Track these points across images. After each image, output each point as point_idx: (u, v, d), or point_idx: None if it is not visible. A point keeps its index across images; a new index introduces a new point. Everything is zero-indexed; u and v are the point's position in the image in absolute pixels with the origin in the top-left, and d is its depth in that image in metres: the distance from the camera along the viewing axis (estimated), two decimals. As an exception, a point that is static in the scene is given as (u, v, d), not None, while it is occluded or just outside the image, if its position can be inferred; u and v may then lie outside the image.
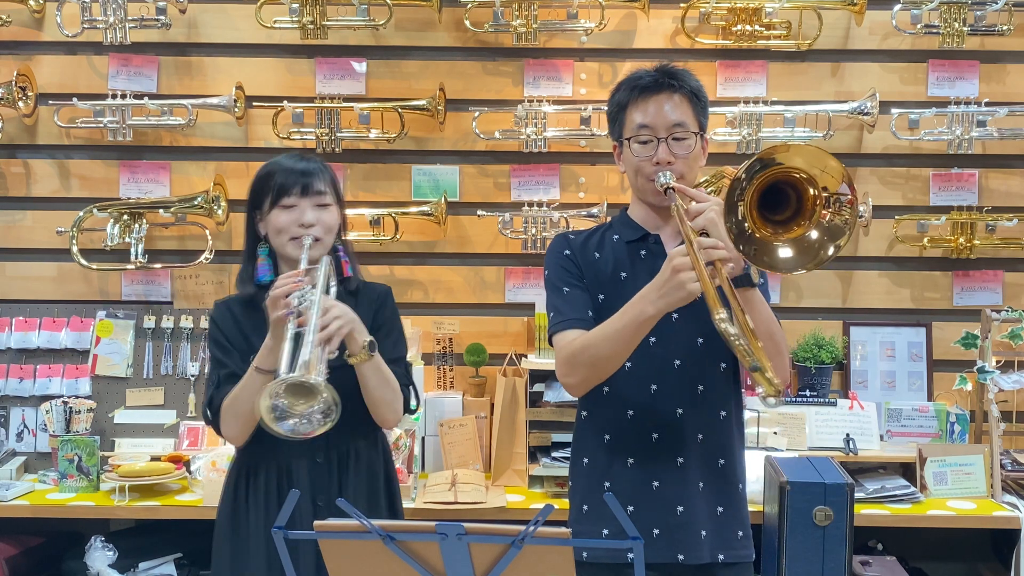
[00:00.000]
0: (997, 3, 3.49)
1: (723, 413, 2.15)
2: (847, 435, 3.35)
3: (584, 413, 2.22)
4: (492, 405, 3.43)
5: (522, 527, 1.47)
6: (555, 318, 2.15)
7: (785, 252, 1.87)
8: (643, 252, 2.15)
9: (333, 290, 2.21)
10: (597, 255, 2.18)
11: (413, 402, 2.36)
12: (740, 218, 1.84)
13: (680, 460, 2.10)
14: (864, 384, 3.60)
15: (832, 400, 3.43)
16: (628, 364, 2.06)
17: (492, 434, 3.38)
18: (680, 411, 2.11)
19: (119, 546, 3.12)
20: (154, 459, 3.27)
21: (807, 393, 3.44)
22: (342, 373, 2.21)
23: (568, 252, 2.19)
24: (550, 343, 2.17)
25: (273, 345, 2.14)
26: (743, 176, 1.83)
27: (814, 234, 1.86)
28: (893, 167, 3.66)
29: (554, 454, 3.24)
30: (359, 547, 1.54)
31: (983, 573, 3.53)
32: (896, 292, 3.67)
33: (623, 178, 3.65)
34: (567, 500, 3.12)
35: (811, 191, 1.86)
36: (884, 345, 3.62)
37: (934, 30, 3.52)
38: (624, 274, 2.14)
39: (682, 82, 2.11)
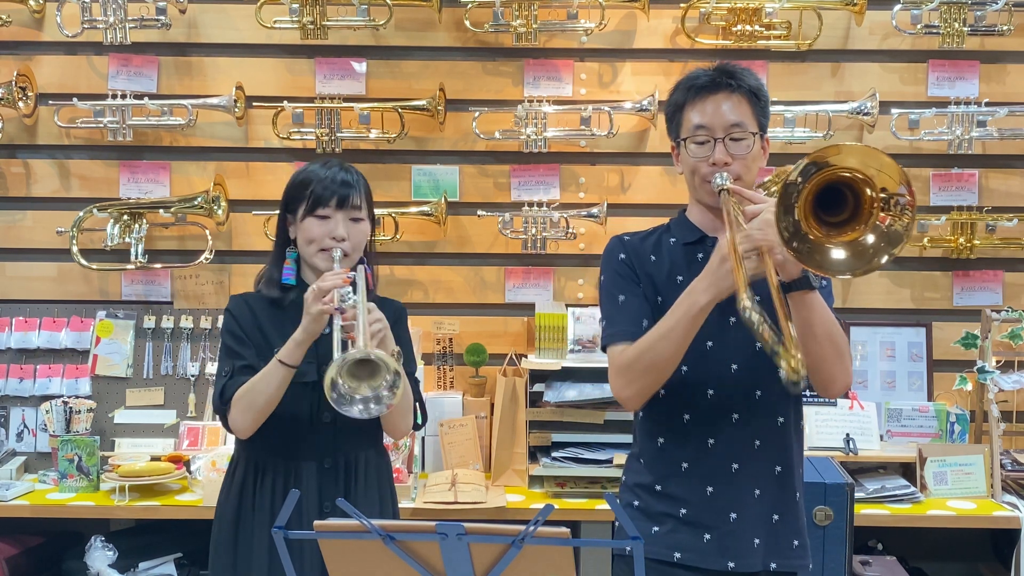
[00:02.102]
0: (997, 3, 3.49)
1: (781, 419, 2.09)
2: (847, 435, 3.35)
3: (640, 413, 2.17)
4: (492, 405, 3.43)
5: (522, 527, 1.47)
6: (608, 328, 2.11)
7: (839, 254, 1.82)
8: (700, 255, 2.09)
9: (371, 303, 2.21)
10: (653, 258, 2.13)
11: (420, 418, 2.38)
12: (795, 219, 1.79)
13: (735, 467, 2.05)
14: (864, 384, 3.60)
15: (832, 400, 3.43)
16: (684, 368, 2.03)
17: (492, 434, 3.38)
18: (736, 416, 2.05)
19: (119, 546, 3.12)
20: (154, 459, 3.27)
21: (807, 393, 3.41)
22: None
23: (623, 256, 2.14)
24: (603, 350, 2.14)
25: (303, 338, 2.14)
26: (798, 179, 1.77)
27: (870, 238, 1.81)
28: (893, 167, 3.65)
29: (554, 454, 3.24)
30: (359, 547, 1.54)
31: (983, 573, 3.53)
32: (896, 292, 3.67)
33: (623, 178, 3.66)
34: (567, 500, 3.15)
35: (868, 192, 1.80)
36: (884, 345, 3.62)
37: (934, 30, 3.52)
38: (681, 277, 2.08)
39: (740, 81, 2.06)
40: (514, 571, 1.51)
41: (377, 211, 3.47)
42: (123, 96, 3.53)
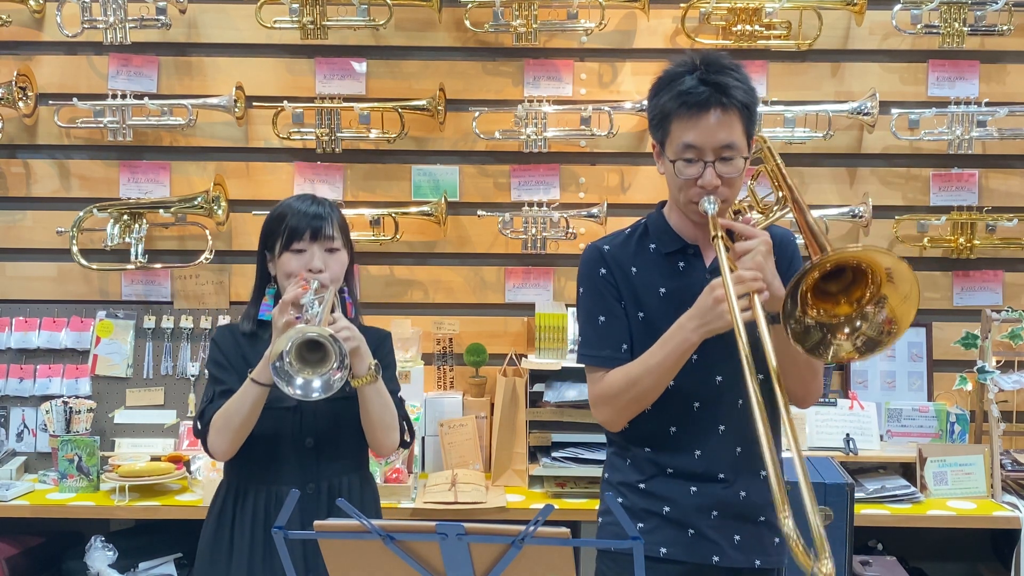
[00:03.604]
0: (997, 3, 3.49)
1: (762, 425, 2.11)
2: (847, 435, 3.35)
3: (627, 425, 2.15)
4: (492, 405, 3.43)
5: (522, 527, 1.47)
6: (585, 349, 2.11)
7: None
8: (681, 264, 2.09)
9: (339, 314, 2.22)
10: (634, 270, 2.11)
11: (407, 437, 2.36)
12: (799, 298, 1.80)
13: (721, 475, 2.07)
14: (864, 384, 3.60)
15: (832, 400, 3.43)
16: (671, 382, 2.03)
17: (492, 434, 3.38)
18: (723, 428, 2.07)
19: (119, 546, 3.12)
20: (154, 459, 3.28)
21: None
22: (341, 405, 2.22)
23: (604, 271, 2.11)
24: (579, 361, 2.14)
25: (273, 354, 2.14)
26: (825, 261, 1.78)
27: (858, 322, 1.82)
28: (893, 167, 3.66)
29: (554, 454, 3.24)
30: (359, 547, 1.54)
31: (983, 573, 3.53)
32: (896, 292, 3.66)
33: (623, 178, 3.66)
34: (568, 500, 3.15)
35: (869, 291, 1.81)
36: (884, 345, 3.62)
37: (934, 30, 3.52)
38: (663, 290, 2.08)
39: (732, 98, 1.97)
40: (514, 571, 1.51)
41: (377, 211, 3.53)
42: (123, 96, 3.53)
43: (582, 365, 2.14)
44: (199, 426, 2.27)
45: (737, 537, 2.06)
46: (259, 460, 2.26)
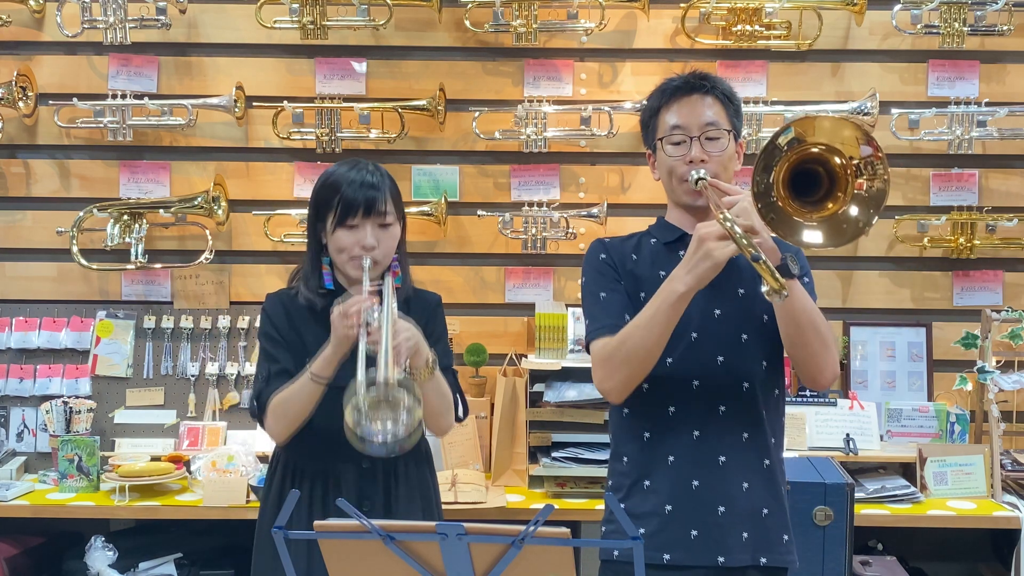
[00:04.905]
0: (997, 3, 3.49)
1: (765, 412, 2.10)
2: (847, 435, 3.35)
3: (626, 410, 2.16)
4: (492, 405, 3.43)
5: (522, 527, 1.47)
6: (591, 326, 2.12)
7: (825, 227, 1.88)
8: (681, 252, 2.09)
9: (395, 306, 2.19)
10: (635, 256, 2.16)
11: (461, 411, 2.35)
12: (773, 200, 1.85)
13: (722, 459, 2.05)
14: (864, 384, 3.60)
15: (832, 400, 3.43)
16: (669, 359, 2.04)
17: (492, 434, 3.38)
18: (723, 408, 2.06)
19: (119, 546, 3.12)
20: (154, 459, 3.28)
21: (807, 393, 3.44)
22: None
23: (604, 256, 2.17)
24: (587, 350, 2.14)
25: (331, 355, 2.14)
26: (767, 159, 1.84)
27: (854, 210, 1.86)
28: (893, 167, 3.64)
29: (554, 454, 3.24)
30: (359, 547, 1.54)
31: (983, 573, 3.53)
32: (896, 292, 3.67)
33: (623, 178, 3.66)
34: (568, 500, 3.15)
35: (838, 160, 1.86)
36: (884, 345, 3.62)
37: (934, 30, 3.52)
38: (663, 272, 2.09)
39: (714, 84, 2.12)
40: (514, 571, 1.51)
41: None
42: (123, 96, 3.53)
43: (589, 360, 2.13)
44: (255, 408, 2.27)
45: (745, 534, 2.05)
46: (315, 439, 2.23)
